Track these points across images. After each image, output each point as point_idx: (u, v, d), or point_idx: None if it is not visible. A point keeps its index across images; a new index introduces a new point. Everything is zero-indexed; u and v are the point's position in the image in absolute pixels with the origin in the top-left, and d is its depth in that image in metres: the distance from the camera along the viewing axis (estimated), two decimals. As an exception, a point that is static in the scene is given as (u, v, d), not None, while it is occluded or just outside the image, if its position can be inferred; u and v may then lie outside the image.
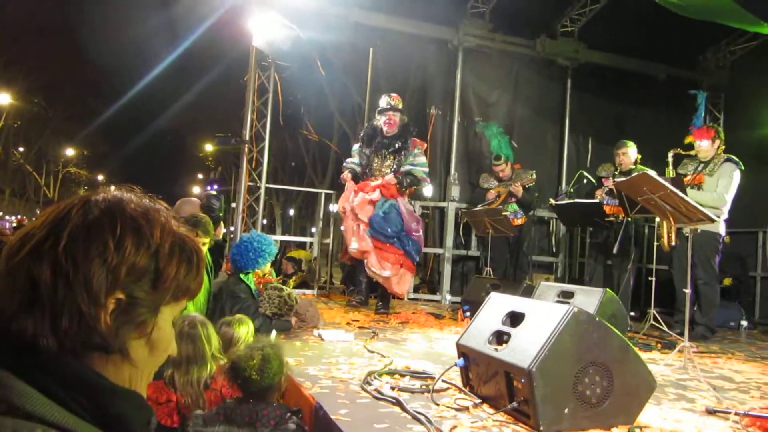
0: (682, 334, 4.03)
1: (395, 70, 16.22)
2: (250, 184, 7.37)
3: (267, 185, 7.57)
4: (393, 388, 3.01)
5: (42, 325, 0.80)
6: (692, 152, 5.86)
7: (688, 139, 5.94)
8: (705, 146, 5.86)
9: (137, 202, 0.90)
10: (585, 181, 6.63)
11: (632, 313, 6.34)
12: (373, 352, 4.01)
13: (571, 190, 6.62)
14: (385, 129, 6.35)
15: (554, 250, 8.59)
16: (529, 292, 5.37)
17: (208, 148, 29.25)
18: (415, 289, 8.84)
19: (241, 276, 4.42)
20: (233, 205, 7.65)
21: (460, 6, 8.47)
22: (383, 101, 6.48)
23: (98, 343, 0.83)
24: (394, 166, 6.29)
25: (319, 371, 3.35)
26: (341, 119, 21.16)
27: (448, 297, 7.77)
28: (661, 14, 7.20)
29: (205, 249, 3.61)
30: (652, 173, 3.67)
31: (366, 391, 2.97)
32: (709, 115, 9.55)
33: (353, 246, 6.09)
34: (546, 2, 8.34)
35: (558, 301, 4.74)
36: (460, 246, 8.11)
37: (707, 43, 9.25)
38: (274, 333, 3.00)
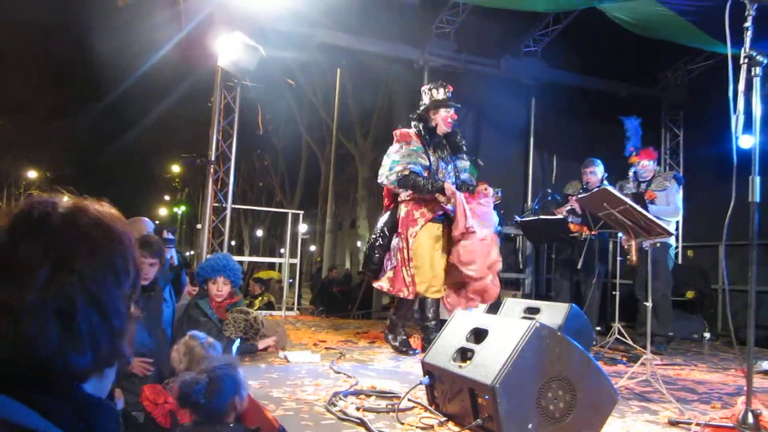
0: (645, 346, 4.08)
1: (363, 90, 16.40)
2: (216, 204, 7.29)
3: (233, 206, 7.49)
4: (358, 409, 2.99)
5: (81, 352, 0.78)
6: (638, 170, 6.17)
7: (632, 159, 6.20)
8: (650, 166, 6.16)
9: (99, 209, 0.87)
10: (549, 198, 6.71)
11: (598, 328, 6.40)
12: (339, 372, 3.97)
13: (535, 207, 6.69)
14: (442, 127, 5.20)
15: (521, 266, 8.65)
16: (495, 308, 5.39)
17: (176, 169, 28.97)
18: (385, 308, 8.82)
19: (198, 302, 4.36)
20: (198, 226, 7.56)
21: (425, 26, 8.56)
22: (440, 93, 5.27)
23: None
24: (453, 172, 5.28)
25: (284, 393, 3.31)
26: (309, 139, 21.18)
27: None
28: (622, 34, 7.39)
29: (154, 270, 3.55)
30: (612, 188, 3.74)
31: (330, 412, 2.94)
32: (669, 131, 9.80)
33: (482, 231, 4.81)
34: (509, 23, 8.48)
35: (524, 317, 4.76)
36: (427, 264, 8.10)
37: (667, 61, 9.48)
38: (218, 345, 2.91)
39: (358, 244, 18.85)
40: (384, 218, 5.32)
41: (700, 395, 3.88)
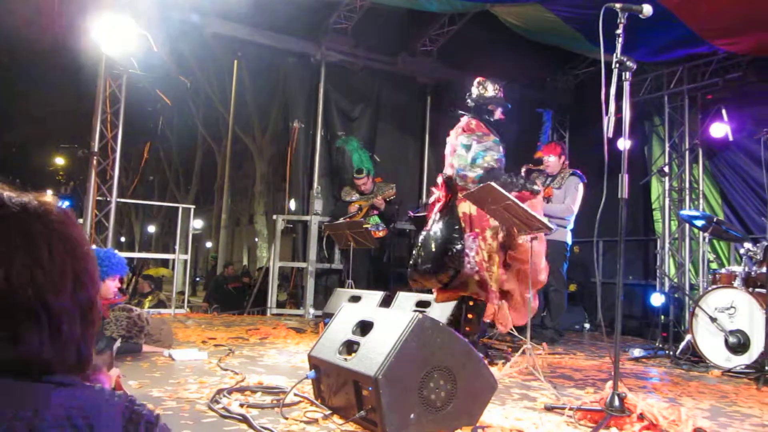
0: (531, 338, 4.27)
1: (261, 84, 16.09)
2: (100, 198, 6.91)
3: (119, 199, 7.14)
4: (242, 405, 2.92)
5: None
6: (541, 167, 6.33)
7: (537, 155, 6.40)
8: (552, 161, 6.36)
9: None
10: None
11: (487, 320, 6.61)
12: (226, 369, 3.87)
13: (428, 202, 6.82)
14: None
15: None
16: (388, 302, 5.45)
17: (60, 161, 27.25)
18: (280, 305, 8.72)
19: None
20: (80, 221, 7.14)
21: (322, 21, 8.51)
22: (495, 89, 4.99)
23: None
24: None
25: (165, 392, 3.18)
26: (205, 132, 20.55)
27: (311, 311, 7.71)
28: (513, 38, 7.67)
29: None
30: (495, 185, 3.87)
31: (213, 410, 2.85)
32: (556, 133, 10.28)
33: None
34: (406, 21, 8.58)
35: (415, 311, 4.83)
36: (323, 259, 8.10)
37: (555, 65, 9.93)
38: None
39: (256, 240, 18.49)
40: (446, 214, 4.72)
41: (576, 381, 4.10)
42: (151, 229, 28.85)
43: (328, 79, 8.60)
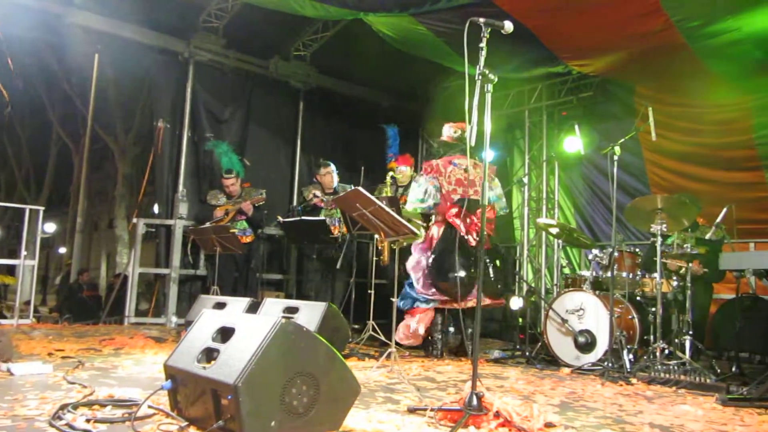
0: (395, 342, 4.34)
1: (125, 80, 15.22)
2: (-70, 196, 6.20)
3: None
4: (88, 421, 2.70)
5: None
6: (396, 175, 6.57)
7: (391, 165, 6.61)
8: (406, 171, 6.63)
9: None
10: (312, 199, 6.84)
11: (356, 326, 6.65)
12: (73, 383, 3.58)
13: (299, 208, 6.78)
14: None
15: (285, 267, 8.70)
16: (255, 308, 5.31)
17: None
18: (141, 313, 8.25)
19: None
20: None
21: (192, 18, 8.21)
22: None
23: None
24: None
25: (-2, 410, 2.88)
26: (61, 129, 19.11)
27: (174, 319, 7.37)
28: (387, 48, 7.80)
29: None
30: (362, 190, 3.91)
31: (54, 426, 2.62)
32: (426, 142, 10.57)
33: None
34: (280, 25, 8.46)
35: (283, 317, 4.75)
36: (187, 265, 7.77)
37: (426, 77, 10.20)
38: None
39: (117, 245, 17.43)
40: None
41: (438, 383, 4.21)
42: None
43: (197, 79, 8.30)
